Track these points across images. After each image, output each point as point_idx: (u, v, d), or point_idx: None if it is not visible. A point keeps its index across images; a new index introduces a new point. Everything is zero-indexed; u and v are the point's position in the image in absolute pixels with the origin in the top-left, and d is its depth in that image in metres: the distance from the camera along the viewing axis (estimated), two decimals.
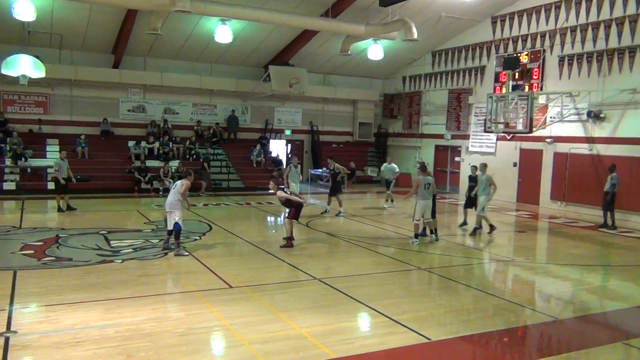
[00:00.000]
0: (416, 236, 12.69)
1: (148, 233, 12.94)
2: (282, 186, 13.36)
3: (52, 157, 20.93)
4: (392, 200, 18.79)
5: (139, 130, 23.70)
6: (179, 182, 10.94)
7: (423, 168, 12.88)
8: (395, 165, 19.68)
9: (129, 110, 23.87)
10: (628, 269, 10.92)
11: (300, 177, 17.19)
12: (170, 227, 10.74)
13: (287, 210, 11.93)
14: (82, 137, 21.71)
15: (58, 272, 9.26)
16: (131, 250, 11.02)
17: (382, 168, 20.10)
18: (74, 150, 21.43)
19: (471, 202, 14.74)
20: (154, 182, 20.49)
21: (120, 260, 10.12)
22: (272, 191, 12.42)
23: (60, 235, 12.27)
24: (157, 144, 22.81)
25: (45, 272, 9.23)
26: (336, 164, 16.99)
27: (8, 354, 5.82)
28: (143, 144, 22.64)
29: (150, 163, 21.52)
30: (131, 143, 22.66)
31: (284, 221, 12.76)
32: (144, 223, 14.32)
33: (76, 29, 20.51)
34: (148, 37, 19.85)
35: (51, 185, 17.94)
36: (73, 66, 21.95)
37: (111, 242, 11.73)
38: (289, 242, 11.86)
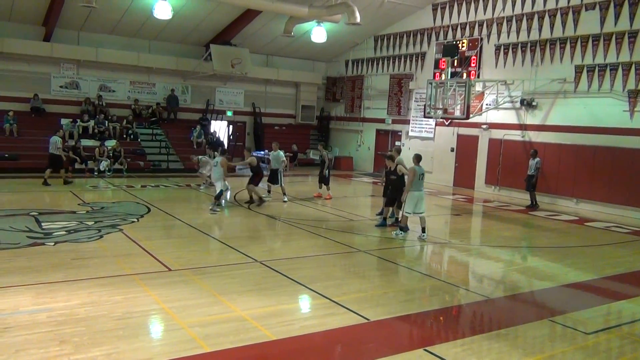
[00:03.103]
0: (402, 229, 11.80)
1: (82, 215, 12.48)
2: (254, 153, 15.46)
3: None
4: (284, 194, 16.06)
5: (73, 107, 22.67)
6: (219, 160, 14.06)
7: (418, 158, 11.88)
8: (282, 153, 16.30)
9: (61, 87, 22.77)
10: (555, 250, 11.53)
11: None
12: (218, 190, 14.02)
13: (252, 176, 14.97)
14: (11, 113, 20.54)
15: None
16: (64, 232, 10.61)
17: (270, 157, 16.57)
18: (2, 127, 20.31)
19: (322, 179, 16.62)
20: (88, 162, 19.71)
21: (53, 243, 9.73)
22: (247, 160, 15.00)
23: None
24: (92, 123, 21.91)
25: None
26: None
27: None
28: (77, 122, 21.65)
29: (84, 142, 20.67)
30: (65, 121, 21.63)
31: (247, 187, 15.03)
32: (78, 204, 13.80)
33: None
34: (82, 9, 18.93)
35: None
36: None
37: (42, 224, 11.23)
38: (260, 201, 14.57)
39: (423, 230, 11.61)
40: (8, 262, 8.45)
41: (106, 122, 22.30)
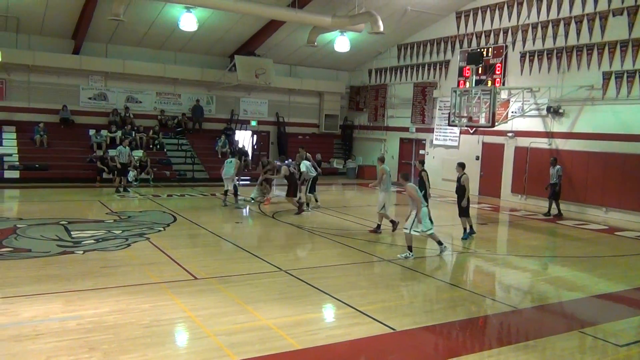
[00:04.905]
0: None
1: (110, 224, 12.69)
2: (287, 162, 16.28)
3: (8, 144, 20.37)
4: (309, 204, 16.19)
5: (101, 118, 23.13)
6: (234, 161, 16.29)
7: (406, 177, 11.35)
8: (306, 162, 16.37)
9: (89, 98, 23.26)
10: (584, 260, 11.30)
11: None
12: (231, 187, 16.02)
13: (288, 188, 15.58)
14: (41, 125, 21.04)
15: (16, 263, 9.01)
16: (93, 241, 10.80)
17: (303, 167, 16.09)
18: (32, 139, 20.80)
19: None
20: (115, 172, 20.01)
21: (82, 251, 9.90)
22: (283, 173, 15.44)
23: (18, 225, 11.92)
24: (119, 133, 22.30)
25: (2, 263, 8.96)
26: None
27: None
28: (104, 132, 22.05)
29: (112, 153, 21.01)
30: (92, 132, 22.06)
31: (287, 199, 15.69)
32: (106, 214, 14.03)
33: (34, 13, 19.80)
34: (110, 23, 19.33)
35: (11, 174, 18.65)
36: (31, 51, 21.20)
37: (72, 232, 11.46)
38: (300, 209, 15.05)
39: (439, 243, 10.91)
40: (39, 270, 8.64)
41: (133, 132, 22.67)
